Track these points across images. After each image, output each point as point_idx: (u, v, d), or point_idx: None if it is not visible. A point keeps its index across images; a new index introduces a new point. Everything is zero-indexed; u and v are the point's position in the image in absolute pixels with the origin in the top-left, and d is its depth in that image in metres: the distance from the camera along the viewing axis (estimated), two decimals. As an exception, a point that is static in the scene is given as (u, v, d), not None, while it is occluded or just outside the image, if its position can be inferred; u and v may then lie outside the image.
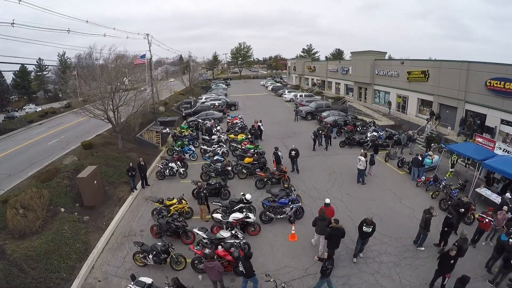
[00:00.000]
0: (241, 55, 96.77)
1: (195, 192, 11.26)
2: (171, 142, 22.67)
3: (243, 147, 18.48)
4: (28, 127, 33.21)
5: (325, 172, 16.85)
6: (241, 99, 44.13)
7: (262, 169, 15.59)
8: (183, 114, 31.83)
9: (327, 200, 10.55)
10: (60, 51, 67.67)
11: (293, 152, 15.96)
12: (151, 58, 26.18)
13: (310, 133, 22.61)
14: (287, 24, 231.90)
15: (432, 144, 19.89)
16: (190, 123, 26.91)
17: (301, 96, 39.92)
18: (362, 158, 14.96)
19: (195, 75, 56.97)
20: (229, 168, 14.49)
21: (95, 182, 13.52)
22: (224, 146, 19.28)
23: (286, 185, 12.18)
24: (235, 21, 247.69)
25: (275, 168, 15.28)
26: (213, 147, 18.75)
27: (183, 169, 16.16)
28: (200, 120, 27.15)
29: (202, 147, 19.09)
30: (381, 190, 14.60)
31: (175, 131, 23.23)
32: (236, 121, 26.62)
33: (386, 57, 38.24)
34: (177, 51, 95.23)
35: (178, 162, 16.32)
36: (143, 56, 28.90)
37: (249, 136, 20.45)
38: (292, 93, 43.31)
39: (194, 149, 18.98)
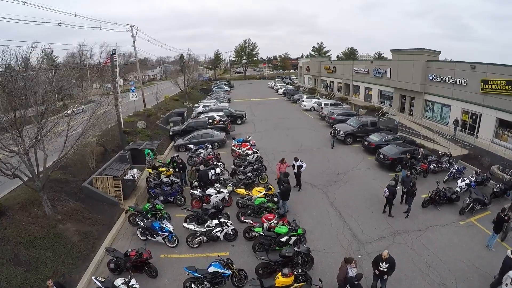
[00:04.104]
0: (245, 53, 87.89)
1: None
2: (135, 202, 12.92)
3: (265, 224, 9.70)
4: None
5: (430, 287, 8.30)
6: (247, 106, 35.52)
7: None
8: (170, 133, 23.08)
9: None
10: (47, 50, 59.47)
11: (384, 266, 7.35)
12: (113, 54, 17.41)
13: (360, 171, 14.31)
14: (286, 23, 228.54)
15: None
16: (175, 155, 15.97)
17: (326, 105, 30.98)
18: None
19: (193, 75, 48.37)
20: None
21: None
22: (228, 223, 10.02)
23: None
24: (234, 20, 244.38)
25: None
26: (209, 225, 9.95)
27: None
28: (191, 147, 18.48)
29: (187, 226, 10.09)
30: None
31: (149, 170, 14.50)
32: (246, 149, 17.86)
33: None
34: (173, 48, 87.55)
35: (133, 279, 7.35)
36: (114, 53, 20.36)
37: (275, 197, 11.53)
38: (313, 100, 34.32)
39: (171, 227, 9.92)
